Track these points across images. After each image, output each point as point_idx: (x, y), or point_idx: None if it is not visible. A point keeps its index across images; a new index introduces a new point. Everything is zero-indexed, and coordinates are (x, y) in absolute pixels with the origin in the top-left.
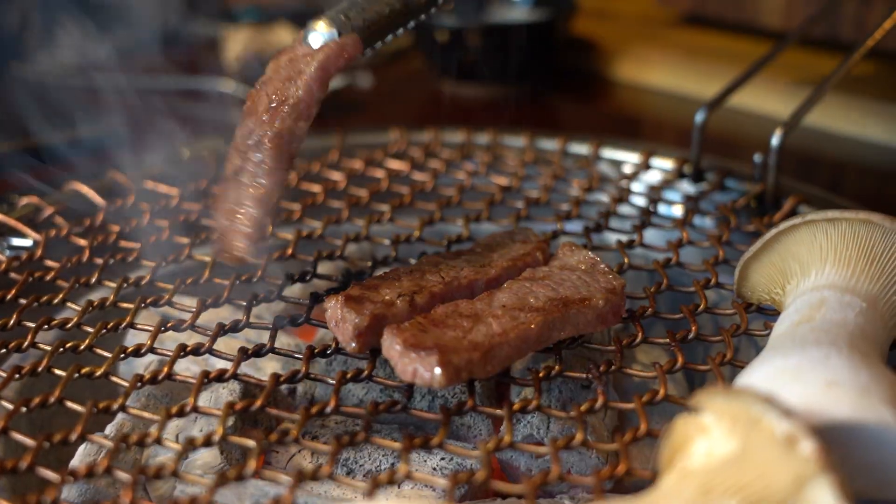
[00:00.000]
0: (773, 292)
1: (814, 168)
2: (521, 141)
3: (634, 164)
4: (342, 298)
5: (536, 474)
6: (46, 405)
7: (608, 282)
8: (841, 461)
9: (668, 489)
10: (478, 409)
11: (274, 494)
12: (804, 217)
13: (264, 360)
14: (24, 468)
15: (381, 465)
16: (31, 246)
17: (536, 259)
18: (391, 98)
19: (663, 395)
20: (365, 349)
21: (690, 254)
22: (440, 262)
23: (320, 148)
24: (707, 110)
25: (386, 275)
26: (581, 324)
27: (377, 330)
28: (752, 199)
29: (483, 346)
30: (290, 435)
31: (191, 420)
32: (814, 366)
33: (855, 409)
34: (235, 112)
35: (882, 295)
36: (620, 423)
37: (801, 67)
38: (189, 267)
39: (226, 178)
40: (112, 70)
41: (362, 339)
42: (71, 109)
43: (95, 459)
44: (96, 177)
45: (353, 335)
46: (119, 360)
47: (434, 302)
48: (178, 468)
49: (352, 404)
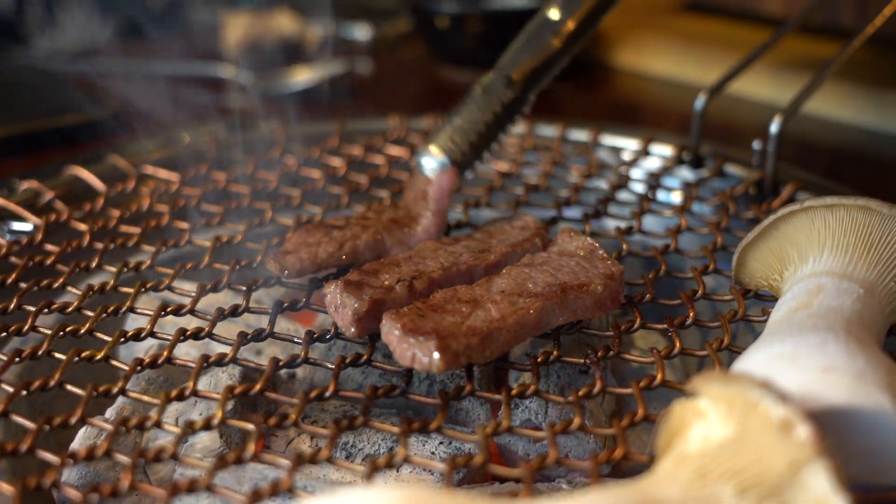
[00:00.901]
0: (771, 279)
1: (813, 155)
2: (521, 127)
3: (634, 151)
4: (341, 284)
5: (534, 458)
6: (47, 389)
7: (607, 268)
8: (836, 446)
9: (664, 473)
10: (476, 393)
11: (273, 478)
12: (802, 204)
13: (264, 344)
14: (25, 451)
15: (379, 449)
16: (32, 230)
17: (535, 245)
18: (391, 84)
19: (661, 380)
20: (364, 334)
21: (689, 240)
22: (439, 247)
23: (320, 134)
24: (707, 97)
25: (385, 260)
26: (579, 309)
27: (376, 315)
28: (751, 185)
29: (482, 332)
30: (289, 419)
31: (190, 404)
32: (810, 351)
33: (851, 395)
34: (235, 97)
35: (879, 281)
36: (618, 408)
37: (802, 54)
38: (189, 252)
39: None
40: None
41: (362, 324)
42: (71, 94)
43: (95, 442)
44: (96, 161)
45: (352, 320)
46: (119, 344)
47: (433, 287)
48: (178, 451)
49: (351, 389)
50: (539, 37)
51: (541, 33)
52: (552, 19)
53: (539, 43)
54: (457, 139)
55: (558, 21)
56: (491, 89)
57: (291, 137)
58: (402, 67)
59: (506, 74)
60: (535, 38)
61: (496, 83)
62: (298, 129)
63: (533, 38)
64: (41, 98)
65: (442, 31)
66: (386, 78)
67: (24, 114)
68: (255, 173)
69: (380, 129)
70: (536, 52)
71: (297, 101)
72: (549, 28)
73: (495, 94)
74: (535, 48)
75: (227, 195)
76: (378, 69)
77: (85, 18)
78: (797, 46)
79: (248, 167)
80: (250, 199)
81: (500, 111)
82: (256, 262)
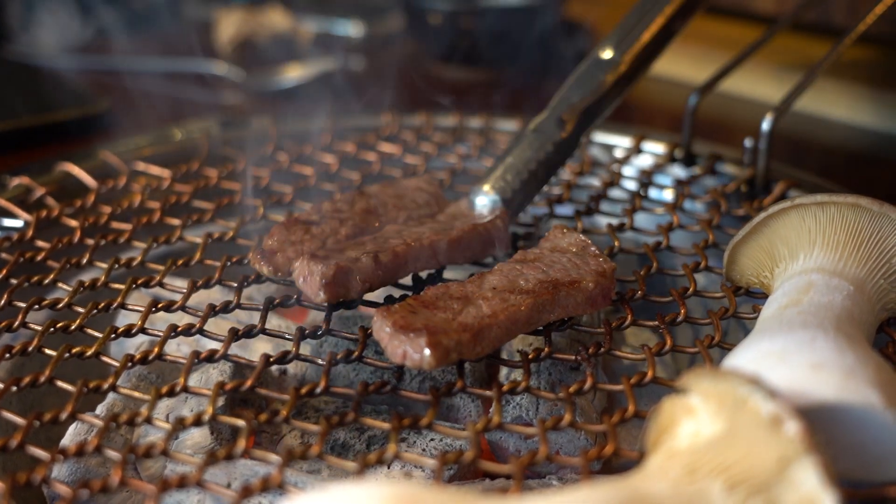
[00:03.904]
0: (762, 276)
1: (804, 153)
2: (514, 125)
3: (626, 149)
4: (308, 255)
5: (525, 455)
6: (37, 385)
7: (598, 265)
8: (825, 443)
9: (654, 469)
10: (467, 390)
11: (263, 474)
12: (793, 201)
13: (255, 341)
14: (15, 446)
15: (370, 446)
16: (22, 227)
17: (497, 226)
18: (383, 81)
19: (651, 377)
20: (333, 300)
21: (680, 237)
22: (404, 228)
23: (312, 130)
24: (699, 95)
25: (351, 240)
26: (570, 306)
27: (343, 282)
28: (743, 183)
29: (473, 328)
30: (280, 415)
31: (181, 400)
32: (800, 348)
33: (840, 391)
34: (227, 94)
35: (869, 278)
36: (609, 405)
37: (793, 52)
38: (180, 248)
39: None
40: (104, 51)
41: (330, 289)
42: (62, 90)
43: (86, 439)
44: (88, 158)
45: (320, 285)
46: (110, 341)
47: (398, 261)
48: (169, 447)
49: (342, 385)
50: (591, 77)
51: (593, 73)
52: (604, 59)
53: (591, 83)
54: (508, 178)
55: (611, 60)
56: (542, 129)
57: (283, 134)
58: (394, 64)
59: (557, 115)
60: (587, 77)
61: (548, 123)
62: (290, 125)
63: (584, 77)
64: (32, 94)
65: (434, 28)
66: (378, 75)
67: (14, 110)
68: (247, 170)
69: (372, 126)
70: (588, 93)
71: (289, 97)
72: (601, 68)
73: (547, 134)
74: (586, 88)
75: (218, 192)
76: (370, 66)
77: (75, 14)
78: (789, 44)
79: (240, 164)
80: (242, 196)
81: (552, 151)
82: (247, 259)
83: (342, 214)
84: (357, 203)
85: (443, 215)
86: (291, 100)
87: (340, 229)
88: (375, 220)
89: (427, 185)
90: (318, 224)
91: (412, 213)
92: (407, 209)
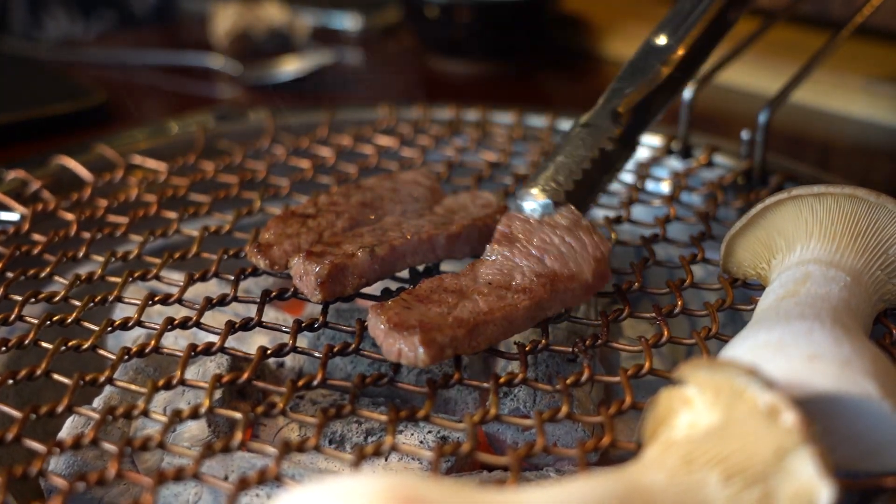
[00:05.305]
0: (759, 267)
1: (802, 145)
2: (510, 117)
3: None
4: (304, 254)
5: (522, 447)
6: (33, 378)
7: (595, 247)
8: (822, 433)
9: (651, 460)
10: (464, 382)
11: (260, 466)
12: (790, 192)
13: (252, 333)
14: (11, 439)
15: (367, 438)
16: (18, 220)
17: (497, 221)
18: (380, 74)
19: (648, 368)
20: (329, 297)
21: (677, 229)
22: (402, 221)
23: (309, 124)
24: (696, 87)
25: (349, 233)
26: (569, 299)
27: (340, 279)
28: (740, 175)
29: (468, 324)
30: (276, 408)
31: (178, 393)
32: (797, 339)
33: (836, 382)
34: (224, 87)
35: (866, 269)
36: (606, 397)
37: (791, 44)
38: (177, 241)
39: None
40: (101, 45)
41: (325, 288)
42: (58, 84)
43: (82, 431)
44: (84, 151)
45: (315, 284)
46: (106, 334)
47: (395, 255)
48: (165, 440)
49: (339, 378)
50: (646, 66)
51: (647, 62)
52: (659, 45)
53: (646, 72)
54: (560, 179)
55: (666, 46)
56: (595, 124)
57: (280, 127)
58: (391, 57)
59: (611, 108)
60: (641, 67)
61: (600, 117)
62: (287, 118)
63: (637, 66)
64: (28, 88)
65: (431, 21)
66: (375, 68)
67: (10, 103)
68: (244, 163)
69: (369, 119)
70: (644, 82)
71: (285, 90)
72: (655, 55)
73: (601, 129)
74: (641, 78)
75: (215, 185)
76: (367, 59)
77: (73, 8)
78: (786, 36)
79: (237, 157)
80: (239, 189)
81: (609, 147)
82: (244, 252)
83: (339, 207)
84: (353, 196)
85: (440, 208)
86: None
87: (337, 222)
88: (372, 213)
89: (424, 178)
90: (315, 217)
91: (409, 206)
92: (403, 202)
